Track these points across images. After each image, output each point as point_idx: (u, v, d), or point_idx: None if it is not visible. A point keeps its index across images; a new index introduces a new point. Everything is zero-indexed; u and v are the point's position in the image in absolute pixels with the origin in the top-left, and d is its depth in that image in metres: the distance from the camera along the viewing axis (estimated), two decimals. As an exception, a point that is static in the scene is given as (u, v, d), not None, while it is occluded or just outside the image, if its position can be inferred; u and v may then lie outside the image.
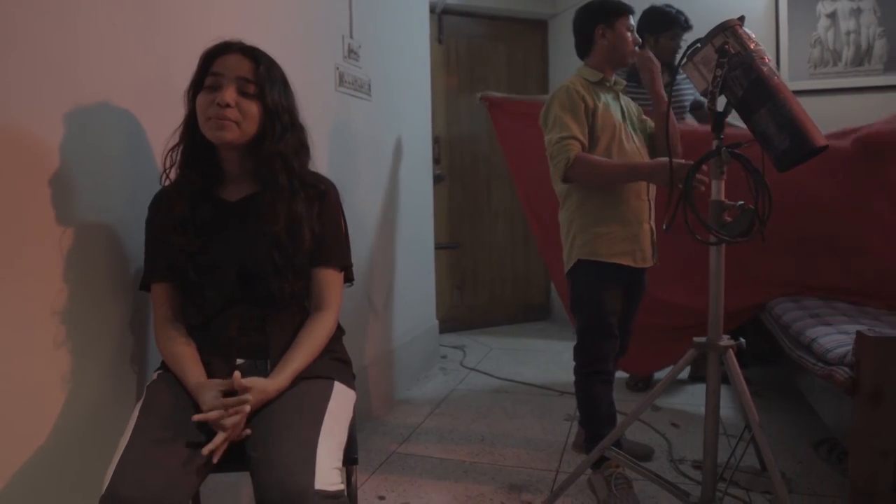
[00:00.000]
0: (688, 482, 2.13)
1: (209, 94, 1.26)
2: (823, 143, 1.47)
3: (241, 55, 1.28)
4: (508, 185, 4.64)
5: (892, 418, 1.54)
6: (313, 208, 1.34)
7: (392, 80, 3.02)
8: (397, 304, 3.10)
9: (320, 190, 1.37)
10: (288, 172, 1.31)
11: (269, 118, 1.29)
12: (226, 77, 1.26)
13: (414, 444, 2.50)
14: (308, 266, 1.34)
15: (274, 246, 1.28)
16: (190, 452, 1.11)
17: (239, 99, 1.26)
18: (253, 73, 1.27)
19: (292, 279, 1.30)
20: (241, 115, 1.26)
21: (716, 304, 1.62)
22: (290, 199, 1.30)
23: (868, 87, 3.62)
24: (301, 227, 1.30)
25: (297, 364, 1.25)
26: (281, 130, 1.30)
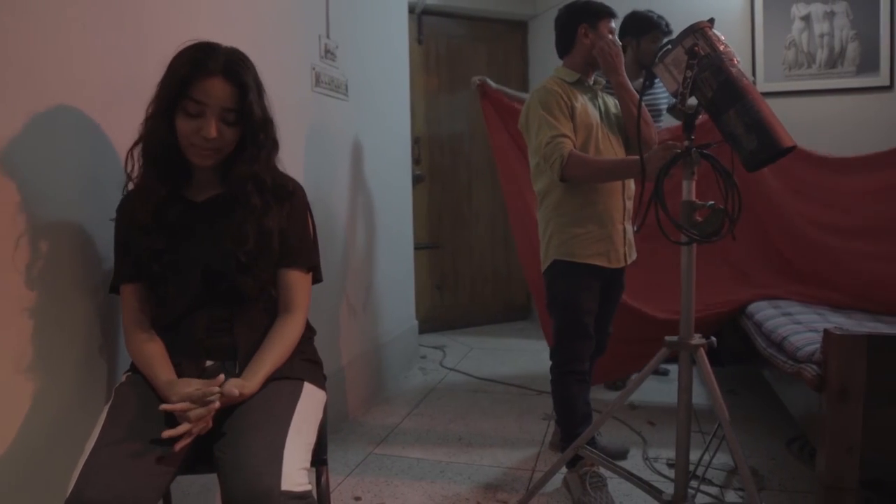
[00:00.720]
0: (662, 480, 2.15)
1: (192, 120, 1.24)
2: (791, 144, 1.49)
3: (225, 81, 1.23)
4: (489, 185, 4.66)
5: (858, 414, 1.56)
6: (282, 210, 1.34)
7: (370, 81, 3.02)
8: (376, 305, 3.10)
9: (288, 190, 1.36)
10: (260, 191, 1.30)
11: (249, 140, 1.29)
12: (209, 107, 1.23)
13: (391, 445, 2.50)
14: (274, 262, 1.33)
15: (235, 242, 1.28)
16: (157, 455, 1.10)
17: (222, 127, 1.25)
18: (237, 103, 1.25)
19: (257, 274, 1.29)
20: (224, 142, 1.27)
21: (687, 303, 1.63)
22: (262, 216, 1.30)
23: (841, 88, 3.67)
24: (271, 239, 1.31)
25: (268, 367, 1.25)
26: (257, 150, 1.30)
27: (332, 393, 2.50)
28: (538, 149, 2.01)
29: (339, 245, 2.69)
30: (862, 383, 1.55)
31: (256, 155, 1.29)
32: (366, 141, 2.98)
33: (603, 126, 2.12)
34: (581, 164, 1.94)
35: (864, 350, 1.55)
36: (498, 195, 4.68)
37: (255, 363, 1.24)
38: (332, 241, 2.60)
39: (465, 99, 4.56)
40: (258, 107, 1.27)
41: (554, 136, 1.96)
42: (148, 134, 1.27)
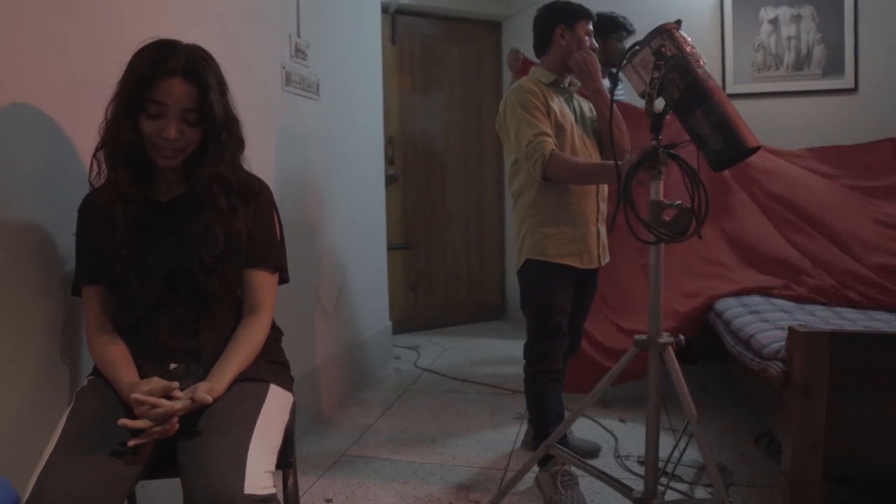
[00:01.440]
0: (633, 477, 2.17)
1: (154, 121, 1.22)
2: (756, 145, 1.51)
3: (185, 81, 1.22)
4: (463, 185, 4.66)
5: (821, 410, 1.59)
6: (248, 210, 1.32)
7: (343, 80, 3.00)
8: (349, 305, 3.08)
9: (254, 191, 1.35)
10: (226, 192, 1.29)
11: (211, 140, 1.27)
12: (170, 108, 1.22)
13: (364, 446, 2.49)
14: (239, 263, 1.32)
15: (203, 245, 1.26)
16: (118, 461, 1.08)
17: (183, 127, 1.24)
18: (198, 102, 1.24)
19: (223, 274, 1.28)
20: (186, 142, 1.26)
21: (655, 302, 1.65)
22: (229, 217, 1.28)
23: (808, 90, 3.74)
24: (239, 240, 1.29)
25: (234, 370, 1.23)
26: (221, 151, 1.28)
27: (304, 394, 2.50)
28: (519, 148, 2.01)
29: (311, 245, 2.67)
30: (825, 380, 1.58)
31: (220, 155, 1.27)
32: (338, 141, 2.96)
33: (578, 128, 2.13)
34: (562, 163, 1.94)
35: (826, 347, 1.57)
36: (472, 195, 4.70)
37: (221, 365, 1.22)
38: (303, 241, 2.58)
39: (440, 99, 4.56)
40: (220, 106, 1.26)
41: (536, 134, 1.97)
42: (110, 136, 1.25)
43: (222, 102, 1.27)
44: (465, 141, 4.66)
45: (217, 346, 1.27)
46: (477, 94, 4.69)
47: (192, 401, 1.12)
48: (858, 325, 2.22)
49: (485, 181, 4.76)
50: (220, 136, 1.27)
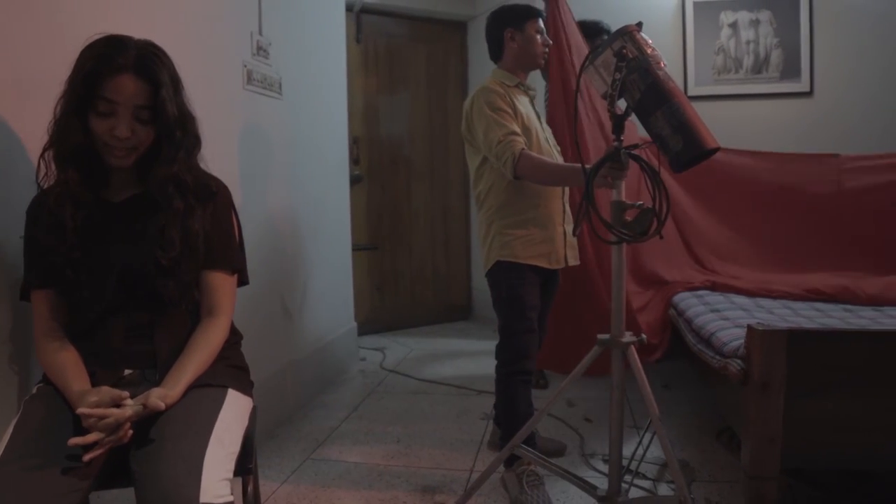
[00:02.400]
0: (598, 476, 2.19)
1: (104, 120, 1.18)
2: (715, 146, 1.53)
3: (136, 78, 1.18)
4: (429, 185, 4.65)
5: (779, 406, 1.62)
6: (206, 211, 1.29)
7: (306, 79, 2.96)
8: (314, 307, 3.04)
9: (211, 191, 1.32)
10: (182, 192, 1.26)
11: (165, 138, 1.24)
12: (121, 105, 1.18)
13: (328, 449, 2.46)
14: (197, 265, 1.29)
15: (159, 247, 1.22)
16: (68, 470, 1.04)
17: (135, 126, 1.20)
18: (150, 100, 1.20)
19: (179, 277, 1.24)
20: (138, 141, 1.22)
21: (618, 301, 1.66)
22: (186, 218, 1.25)
23: (766, 93, 3.82)
24: (196, 241, 1.26)
25: (191, 374, 1.20)
26: (175, 150, 1.25)
27: (267, 397, 2.46)
28: (489, 147, 2.01)
29: (273, 247, 2.63)
30: (783, 376, 1.61)
31: (175, 154, 1.24)
32: (301, 140, 2.92)
33: (542, 131, 2.15)
34: (532, 163, 1.95)
35: (784, 344, 1.60)
36: (437, 195, 4.69)
37: (177, 370, 1.19)
38: (266, 242, 2.54)
39: (405, 99, 4.55)
40: (174, 104, 1.22)
41: (506, 133, 1.97)
42: (59, 136, 1.20)
43: (176, 100, 1.24)
44: (430, 141, 4.65)
45: (173, 350, 1.24)
46: (443, 94, 4.68)
47: (145, 407, 1.08)
48: (815, 322, 2.28)
49: (450, 181, 4.75)
50: (173, 134, 1.23)
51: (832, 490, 1.97)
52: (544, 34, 2.17)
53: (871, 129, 3.69)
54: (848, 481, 2.00)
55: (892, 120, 3.67)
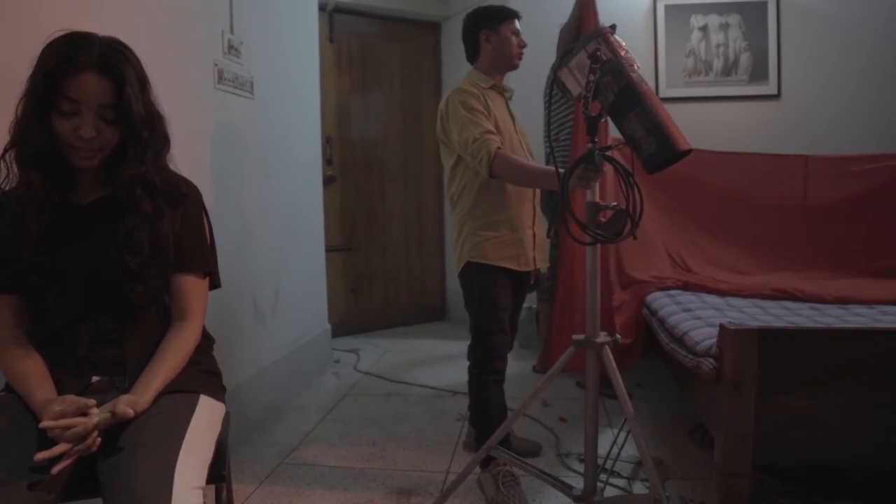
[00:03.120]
0: (573, 475, 2.20)
1: (68, 120, 1.14)
2: (687, 148, 1.54)
3: (100, 76, 1.14)
4: (403, 185, 4.64)
5: (750, 404, 1.64)
6: (175, 213, 1.26)
7: (278, 79, 2.93)
8: (287, 310, 3.01)
9: (181, 192, 1.29)
10: (150, 194, 1.22)
11: (131, 139, 1.20)
12: (85, 105, 1.14)
13: (303, 453, 2.43)
14: (167, 268, 1.26)
15: (127, 250, 1.19)
16: (33, 483, 1.00)
17: (100, 126, 1.17)
18: (115, 98, 1.16)
19: (149, 281, 1.21)
20: (104, 142, 1.18)
21: (592, 301, 1.67)
22: (155, 221, 1.22)
23: (735, 95, 3.89)
24: (166, 244, 1.23)
25: (161, 380, 1.17)
26: (142, 150, 1.21)
27: (241, 402, 2.43)
28: (464, 146, 2.00)
29: (246, 249, 2.59)
30: (754, 374, 1.64)
31: (142, 155, 1.20)
32: (273, 140, 2.89)
33: (516, 133, 2.15)
34: (508, 162, 1.95)
35: (755, 343, 1.63)
36: (412, 196, 4.68)
37: (147, 376, 1.16)
38: (238, 244, 2.50)
39: (379, 98, 4.53)
40: (140, 103, 1.19)
41: (481, 132, 1.97)
42: (20, 137, 1.16)
43: (143, 99, 1.20)
44: (404, 141, 4.64)
45: (143, 356, 1.21)
46: (416, 94, 4.67)
47: (113, 415, 1.05)
48: (784, 320, 2.32)
49: (424, 182, 4.74)
50: (140, 134, 1.20)
51: (801, 485, 2.00)
52: (520, 35, 2.17)
53: (836, 130, 3.78)
54: (816, 476, 2.04)
55: (856, 121, 3.77)
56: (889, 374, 1.64)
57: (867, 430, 1.67)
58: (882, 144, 3.65)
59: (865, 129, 3.74)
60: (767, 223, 3.23)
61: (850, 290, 2.70)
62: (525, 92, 2.88)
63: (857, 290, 2.70)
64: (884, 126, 3.71)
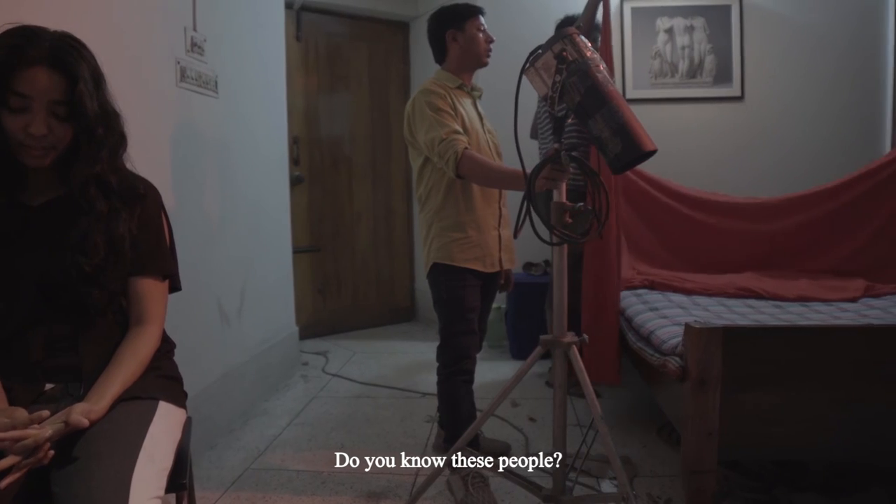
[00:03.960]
0: (543, 475, 2.20)
1: (17, 116, 1.09)
2: (652, 148, 1.55)
3: (50, 70, 1.10)
4: (371, 185, 4.61)
5: (716, 402, 1.66)
6: (132, 214, 1.22)
7: (243, 78, 2.88)
8: (253, 312, 2.96)
9: (138, 193, 1.25)
10: (106, 194, 1.18)
11: (84, 136, 1.16)
12: (35, 100, 1.09)
13: (270, 457, 2.39)
14: (123, 271, 1.22)
15: (81, 253, 1.15)
16: None
17: (52, 122, 1.12)
18: (66, 94, 1.12)
19: (105, 284, 1.17)
20: (56, 139, 1.14)
21: (559, 301, 1.67)
22: (110, 221, 1.18)
23: (700, 97, 3.95)
24: (122, 246, 1.19)
25: (117, 387, 1.13)
26: (97, 148, 1.17)
27: (206, 406, 2.38)
28: (431, 146, 1.99)
29: (210, 251, 2.54)
30: (719, 373, 1.66)
31: (96, 154, 1.16)
32: (238, 140, 2.84)
33: (484, 133, 2.15)
34: (475, 163, 1.94)
35: (720, 341, 1.65)
36: (380, 196, 4.65)
37: (102, 382, 1.12)
38: (201, 246, 2.45)
39: (347, 98, 4.49)
40: (94, 99, 1.14)
41: (448, 132, 1.96)
42: None
43: (97, 95, 1.16)
44: (372, 141, 4.61)
45: (100, 362, 1.16)
46: (385, 94, 4.65)
47: (67, 425, 1.01)
48: (748, 318, 2.35)
49: (393, 182, 4.72)
50: (93, 131, 1.15)
51: (764, 479, 2.04)
52: (486, 31, 2.16)
53: (796, 131, 3.87)
54: (778, 470, 2.08)
55: (817, 122, 3.86)
56: (847, 370, 1.68)
57: (827, 426, 1.70)
58: (841, 146, 3.75)
59: (827, 130, 3.83)
60: (731, 223, 3.27)
61: (811, 289, 2.77)
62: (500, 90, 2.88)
63: (817, 289, 2.77)
64: (845, 128, 3.80)
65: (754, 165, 3.84)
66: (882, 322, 2.22)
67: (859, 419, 1.68)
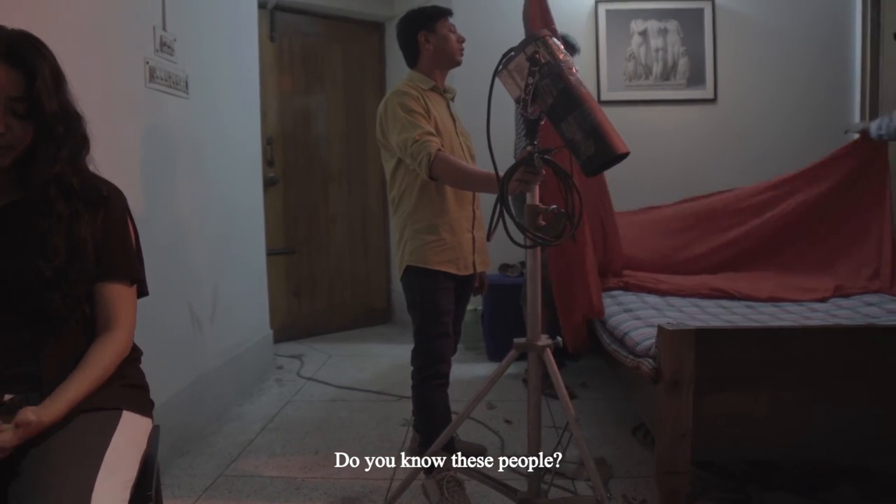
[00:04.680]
0: (518, 478, 2.19)
1: None
2: (625, 151, 1.56)
3: (8, 67, 1.07)
4: (346, 187, 4.58)
5: (689, 403, 1.67)
6: (95, 217, 1.19)
7: (215, 78, 2.84)
8: (226, 316, 2.92)
9: (102, 195, 1.21)
10: (66, 195, 1.15)
11: (43, 135, 1.13)
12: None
13: (243, 463, 2.36)
14: (86, 276, 1.18)
15: (41, 257, 1.11)
16: None
17: (10, 121, 1.08)
18: (25, 90, 1.08)
19: (67, 289, 1.13)
20: (14, 138, 1.10)
21: (533, 304, 1.67)
22: (71, 223, 1.14)
23: (674, 99, 3.98)
24: (84, 249, 1.15)
25: (74, 392, 1.09)
26: (56, 148, 1.14)
27: (177, 412, 2.34)
28: (404, 148, 1.97)
29: (181, 255, 2.50)
30: (692, 374, 1.67)
31: (56, 153, 1.13)
32: (210, 142, 2.80)
33: (457, 136, 2.14)
34: (448, 164, 1.92)
35: (692, 343, 1.66)
36: (355, 197, 4.62)
37: (61, 387, 1.08)
38: (172, 250, 2.41)
39: (321, 99, 4.46)
40: (52, 97, 1.11)
41: (421, 133, 1.94)
42: None
43: (56, 94, 1.13)
44: (347, 142, 4.58)
45: (63, 370, 1.13)
46: (360, 95, 4.62)
47: (17, 426, 0.98)
48: (721, 319, 2.37)
49: (368, 183, 4.69)
50: (54, 130, 1.12)
51: (737, 479, 2.06)
52: (457, 31, 2.16)
53: (769, 133, 3.92)
54: (750, 469, 2.10)
55: (787, 124, 3.91)
56: (816, 370, 1.70)
57: (797, 425, 1.72)
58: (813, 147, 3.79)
59: (799, 131, 3.89)
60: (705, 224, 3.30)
61: (781, 290, 2.80)
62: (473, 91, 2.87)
63: (788, 290, 2.80)
64: (817, 129, 3.86)
65: (727, 167, 3.88)
66: (851, 322, 2.25)
67: (830, 419, 1.71)
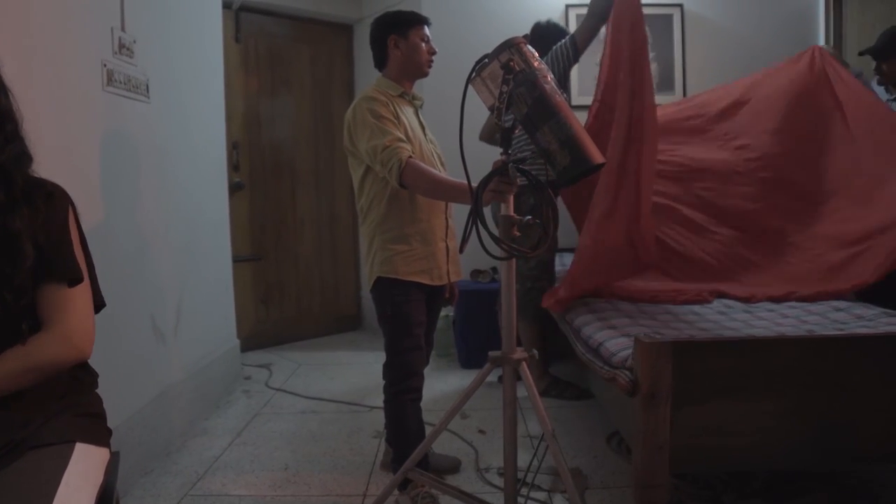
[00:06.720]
0: (493, 490, 2.16)
1: None
2: (601, 161, 1.53)
3: None
4: (314, 192, 4.50)
5: (666, 415, 1.65)
6: (36, 211, 1.11)
7: (177, 81, 2.75)
8: (190, 326, 2.82)
9: (45, 191, 1.14)
10: (6, 186, 1.08)
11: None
12: None
13: (209, 482, 2.27)
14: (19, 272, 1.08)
15: None
16: None
17: None
18: None
19: (10, 301, 1.05)
20: None
21: (508, 317, 1.63)
22: (8, 212, 1.07)
23: (644, 104, 3.98)
24: (19, 242, 1.07)
25: None
26: (3, 142, 1.08)
27: (138, 430, 2.25)
28: (374, 155, 1.91)
29: (141, 264, 2.40)
30: (669, 386, 1.64)
31: (3, 147, 1.08)
32: (173, 146, 2.70)
33: (426, 143, 2.10)
34: (419, 172, 1.87)
35: (669, 355, 1.63)
36: (324, 202, 4.53)
37: None
38: (132, 259, 2.31)
39: (288, 102, 4.37)
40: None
41: (391, 140, 1.89)
42: None
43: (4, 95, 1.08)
44: (315, 146, 4.50)
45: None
46: (328, 97, 4.54)
47: None
48: (695, 326, 2.36)
49: (337, 188, 4.61)
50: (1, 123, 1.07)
51: (713, 488, 2.05)
52: (430, 42, 2.11)
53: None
54: (726, 479, 2.09)
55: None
56: (791, 380, 1.69)
57: (773, 436, 1.71)
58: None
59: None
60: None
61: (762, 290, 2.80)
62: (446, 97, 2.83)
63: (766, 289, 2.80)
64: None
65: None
66: (822, 329, 2.26)
67: (805, 428, 1.70)
